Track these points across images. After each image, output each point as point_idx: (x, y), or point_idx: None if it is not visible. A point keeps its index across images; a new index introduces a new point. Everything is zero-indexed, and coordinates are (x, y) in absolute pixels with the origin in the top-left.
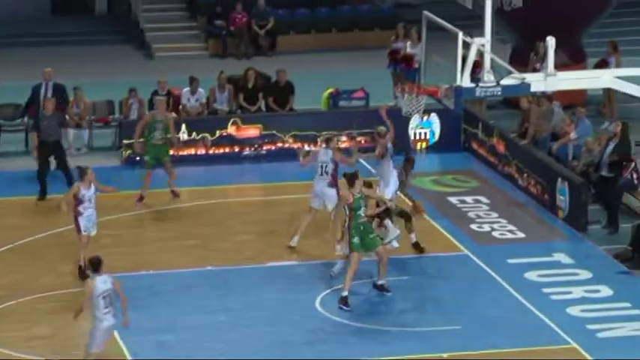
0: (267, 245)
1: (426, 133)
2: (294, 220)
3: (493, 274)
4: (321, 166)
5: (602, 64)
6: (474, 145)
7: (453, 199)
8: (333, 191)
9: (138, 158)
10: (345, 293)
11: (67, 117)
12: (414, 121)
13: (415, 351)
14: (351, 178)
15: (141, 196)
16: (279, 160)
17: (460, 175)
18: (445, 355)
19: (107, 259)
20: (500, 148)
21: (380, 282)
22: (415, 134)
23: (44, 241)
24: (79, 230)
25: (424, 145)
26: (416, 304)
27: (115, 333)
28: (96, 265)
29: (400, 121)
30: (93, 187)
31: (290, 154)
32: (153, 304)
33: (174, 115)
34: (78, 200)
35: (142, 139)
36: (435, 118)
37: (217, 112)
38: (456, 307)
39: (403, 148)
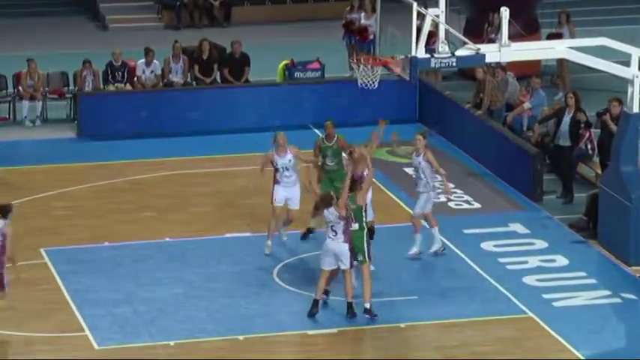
0: (224, 217)
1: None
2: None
3: (449, 244)
4: None
5: (557, 37)
6: (430, 116)
7: (409, 170)
8: None
9: None
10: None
11: (20, 89)
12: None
13: (372, 321)
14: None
15: None
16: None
17: None
18: (402, 325)
19: (64, 230)
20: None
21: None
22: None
23: None
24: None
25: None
26: (373, 275)
27: (72, 304)
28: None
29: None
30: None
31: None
32: (109, 276)
33: None
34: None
35: None
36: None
37: (173, 84)
38: (412, 277)
39: None
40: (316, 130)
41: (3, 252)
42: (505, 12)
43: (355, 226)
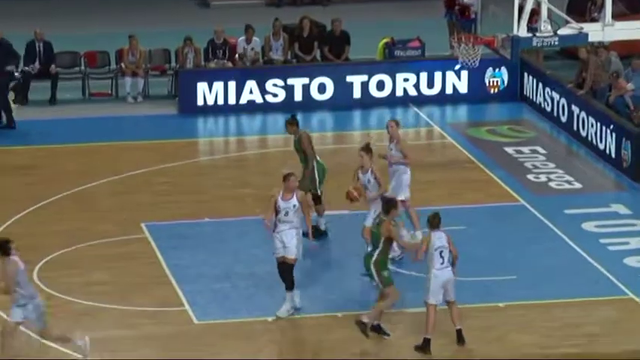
0: (325, 195)
1: (497, 81)
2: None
3: (550, 224)
4: None
5: None
6: (531, 95)
7: (509, 149)
8: None
9: None
10: (366, 320)
11: (123, 65)
12: (489, 71)
13: (471, 300)
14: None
15: None
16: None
17: (516, 125)
18: (501, 305)
19: (165, 206)
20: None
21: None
22: (489, 82)
23: (101, 188)
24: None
25: (495, 90)
26: (472, 254)
27: (172, 279)
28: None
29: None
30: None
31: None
32: (209, 252)
33: None
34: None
35: None
36: (504, 70)
37: (273, 62)
38: (512, 257)
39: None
40: (416, 109)
41: None
42: None
43: (369, 249)
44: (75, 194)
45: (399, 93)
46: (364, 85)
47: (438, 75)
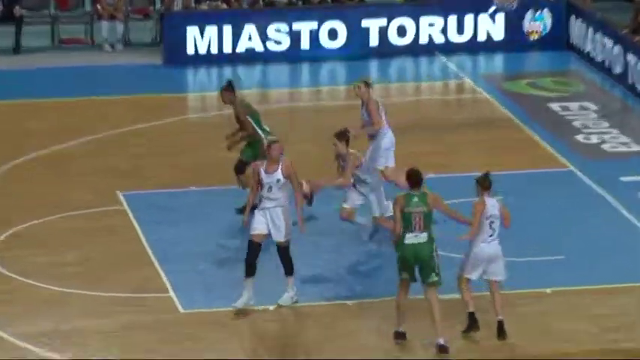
0: (326, 157)
1: (539, 26)
2: None
3: (603, 193)
4: None
5: None
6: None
7: (555, 106)
8: None
9: None
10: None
11: (99, 7)
12: (529, 14)
13: (514, 285)
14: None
15: None
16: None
17: (562, 77)
18: (548, 291)
19: (146, 172)
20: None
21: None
22: (529, 27)
23: (74, 151)
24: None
25: (536, 36)
26: (513, 230)
27: (155, 263)
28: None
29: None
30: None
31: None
32: (195, 226)
33: None
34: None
35: None
36: (547, 13)
37: (275, 4)
38: (559, 234)
39: None
40: (443, 58)
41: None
42: None
43: (422, 236)
44: (43, 157)
45: (424, 40)
46: (382, 31)
47: (469, 19)
